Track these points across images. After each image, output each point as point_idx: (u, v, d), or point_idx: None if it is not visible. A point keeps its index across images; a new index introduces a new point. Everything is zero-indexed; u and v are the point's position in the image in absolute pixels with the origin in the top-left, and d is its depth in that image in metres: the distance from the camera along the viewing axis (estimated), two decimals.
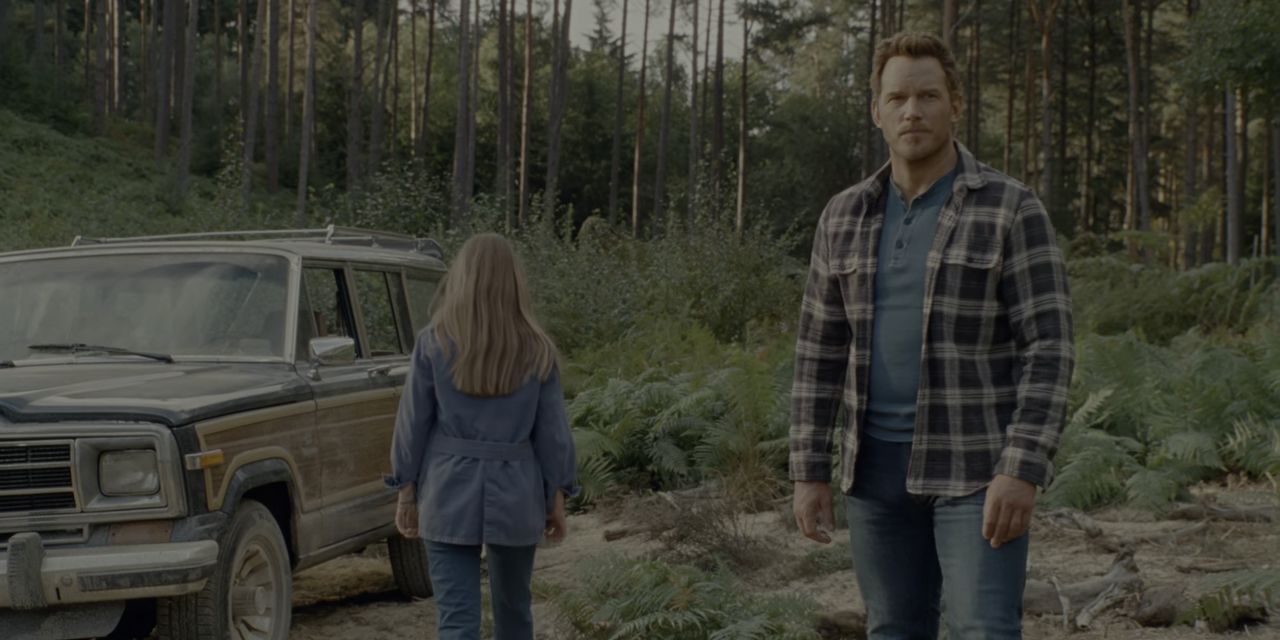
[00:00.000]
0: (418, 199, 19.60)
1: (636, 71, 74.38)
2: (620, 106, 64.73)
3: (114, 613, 5.21)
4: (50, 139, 46.86)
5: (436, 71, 72.62)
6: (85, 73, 63.14)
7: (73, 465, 5.11)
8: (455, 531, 4.67)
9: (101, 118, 54.31)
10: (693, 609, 5.39)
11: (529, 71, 60.20)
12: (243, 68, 62.33)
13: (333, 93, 68.38)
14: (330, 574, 8.60)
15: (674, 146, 67.56)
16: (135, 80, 72.79)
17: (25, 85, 50.62)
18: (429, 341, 4.74)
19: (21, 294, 6.71)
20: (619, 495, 9.66)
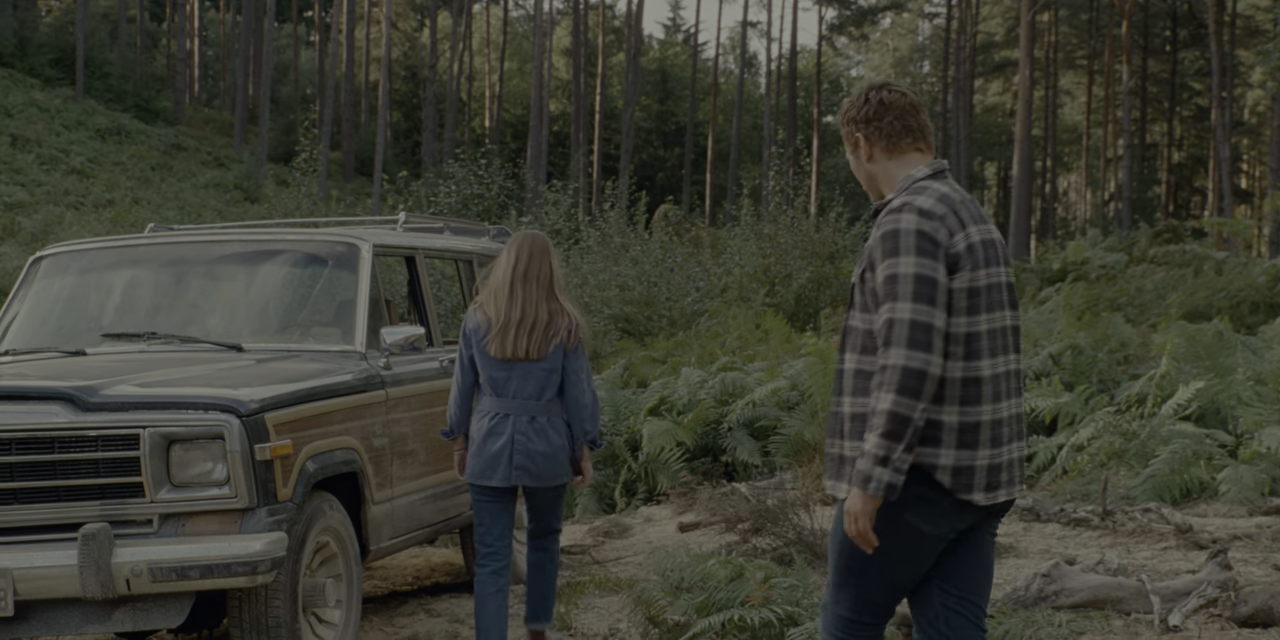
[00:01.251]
0: (490, 186, 19.52)
1: (710, 59, 74.10)
2: (693, 94, 64.49)
3: (184, 604, 5.16)
4: (132, 128, 47.33)
5: (510, 60, 72.69)
6: (166, 62, 63.74)
7: (142, 455, 5.06)
8: (491, 476, 5.60)
9: (182, 107, 54.81)
10: (769, 606, 5.27)
11: (602, 59, 60.10)
12: (320, 57, 62.73)
13: (408, 81, 68.66)
14: (402, 564, 8.55)
15: (747, 134, 67.25)
16: (215, 70, 73.46)
17: (108, 75, 51.17)
18: (471, 316, 5.65)
19: (94, 282, 6.68)
20: (692, 486, 9.54)
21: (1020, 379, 3.59)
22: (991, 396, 3.47)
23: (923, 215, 3.46)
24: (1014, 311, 3.60)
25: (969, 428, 3.44)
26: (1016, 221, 37.59)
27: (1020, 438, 3.57)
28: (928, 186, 3.58)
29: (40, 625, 5.12)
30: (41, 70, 48.60)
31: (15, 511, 5.09)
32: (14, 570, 5.00)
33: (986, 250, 3.52)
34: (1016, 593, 5.70)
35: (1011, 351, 3.56)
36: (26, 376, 5.47)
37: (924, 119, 3.75)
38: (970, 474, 3.43)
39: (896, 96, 3.72)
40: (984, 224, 3.57)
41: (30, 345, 6.34)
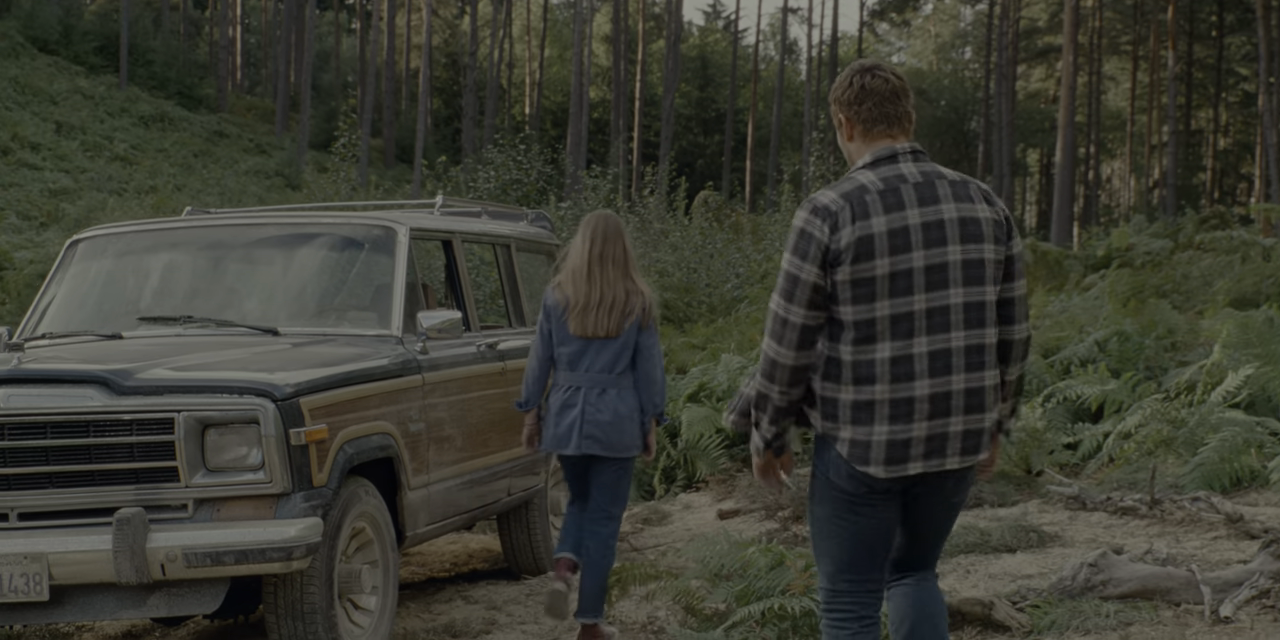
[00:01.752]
0: (529, 172, 19.43)
1: (750, 45, 73.87)
2: (733, 81, 64.27)
3: (219, 590, 5.11)
4: (175, 115, 47.54)
5: (550, 47, 72.65)
6: (209, 50, 63.96)
7: (177, 439, 5.01)
8: (564, 445, 5.89)
9: (224, 94, 54.99)
10: (810, 594, 5.18)
11: (642, 46, 59.95)
12: (361, 44, 62.78)
13: (448, 68, 68.71)
14: (440, 550, 8.50)
15: (788, 121, 66.99)
16: (257, 57, 73.69)
17: (151, 62, 51.40)
18: (550, 294, 5.96)
19: (131, 265, 6.65)
20: (732, 473, 9.45)
21: (966, 355, 3.68)
22: (891, 377, 3.63)
23: (812, 212, 3.69)
24: (958, 289, 3.68)
25: (862, 406, 3.64)
26: (1059, 208, 37.29)
27: (958, 412, 3.68)
28: (852, 177, 3.76)
29: (75, 610, 5.09)
30: (86, 58, 48.88)
31: (51, 496, 5.06)
32: (49, 555, 4.98)
33: (897, 238, 3.64)
34: (1063, 582, 5.59)
35: (944, 330, 3.66)
36: (62, 360, 5.44)
37: (904, 106, 3.83)
38: (866, 448, 3.65)
39: (879, 82, 3.82)
40: (923, 206, 3.68)
41: (67, 329, 6.31)
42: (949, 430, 3.69)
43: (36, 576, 4.98)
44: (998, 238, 3.74)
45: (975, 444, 3.73)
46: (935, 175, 3.76)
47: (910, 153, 3.79)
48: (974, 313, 3.69)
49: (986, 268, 3.71)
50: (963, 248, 3.68)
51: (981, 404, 3.72)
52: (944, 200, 3.71)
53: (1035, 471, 8.26)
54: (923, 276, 3.65)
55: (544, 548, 7.39)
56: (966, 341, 3.69)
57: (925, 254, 3.66)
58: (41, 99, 42.19)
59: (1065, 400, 8.98)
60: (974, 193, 3.76)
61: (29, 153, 36.40)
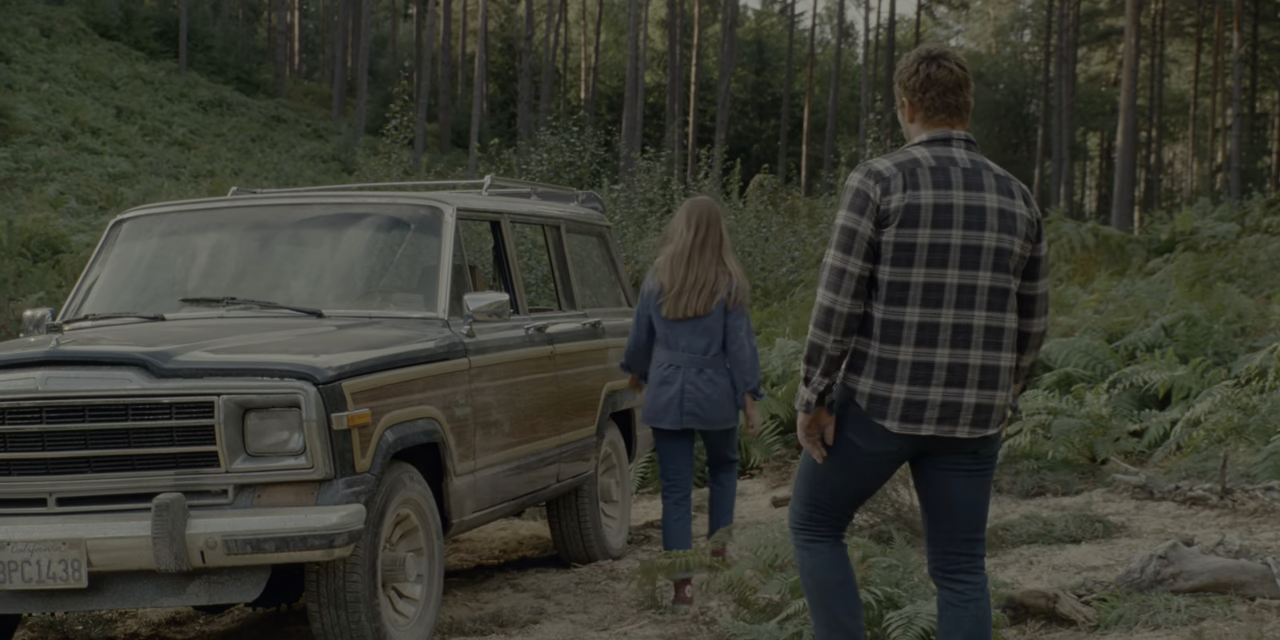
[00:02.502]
0: (583, 154, 19.26)
1: (806, 30, 73.32)
2: (789, 65, 63.83)
3: (259, 578, 4.99)
4: (233, 100, 47.74)
5: (606, 31, 72.40)
6: (267, 35, 64.19)
7: (217, 423, 4.89)
8: (663, 419, 6.36)
9: (282, 79, 55.16)
10: (868, 587, 5.00)
11: (698, 30, 59.61)
12: (417, 29, 62.81)
13: (504, 53, 68.64)
14: (490, 537, 8.38)
15: (844, 105, 66.46)
16: (315, 43, 73.89)
17: (210, 48, 51.68)
18: (649, 279, 6.43)
19: (174, 245, 6.53)
20: (786, 460, 9.28)
21: (985, 334, 3.93)
22: (916, 341, 3.89)
23: (866, 174, 3.95)
24: (987, 272, 3.92)
25: (886, 363, 3.91)
26: (1120, 193, 36.76)
27: (972, 386, 3.92)
28: (907, 151, 4.03)
29: (114, 597, 4.98)
30: (146, 43, 49.19)
31: (90, 480, 4.96)
32: (88, 541, 4.87)
33: (941, 213, 3.88)
34: (1131, 575, 5.38)
35: (969, 307, 3.91)
36: (101, 342, 5.33)
37: (965, 97, 4.04)
38: (885, 403, 3.91)
39: (944, 73, 4.01)
40: (969, 191, 3.92)
41: (110, 310, 6.20)
42: (963, 400, 3.93)
43: (75, 563, 4.88)
44: (1028, 236, 3.99)
45: (986, 418, 3.95)
46: (983, 165, 3.99)
47: (964, 141, 4.02)
48: (998, 297, 3.94)
49: (1014, 259, 3.96)
50: (998, 236, 3.93)
51: (995, 381, 3.96)
52: (988, 190, 3.95)
53: (1100, 460, 8.03)
54: (958, 253, 3.90)
55: (594, 535, 7.24)
56: (988, 322, 3.94)
57: (964, 234, 3.91)
58: (102, 84, 42.44)
59: (1131, 386, 8.74)
60: (1015, 189, 4.00)
61: (89, 137, 36.59)
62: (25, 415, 4.92)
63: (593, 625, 6.05)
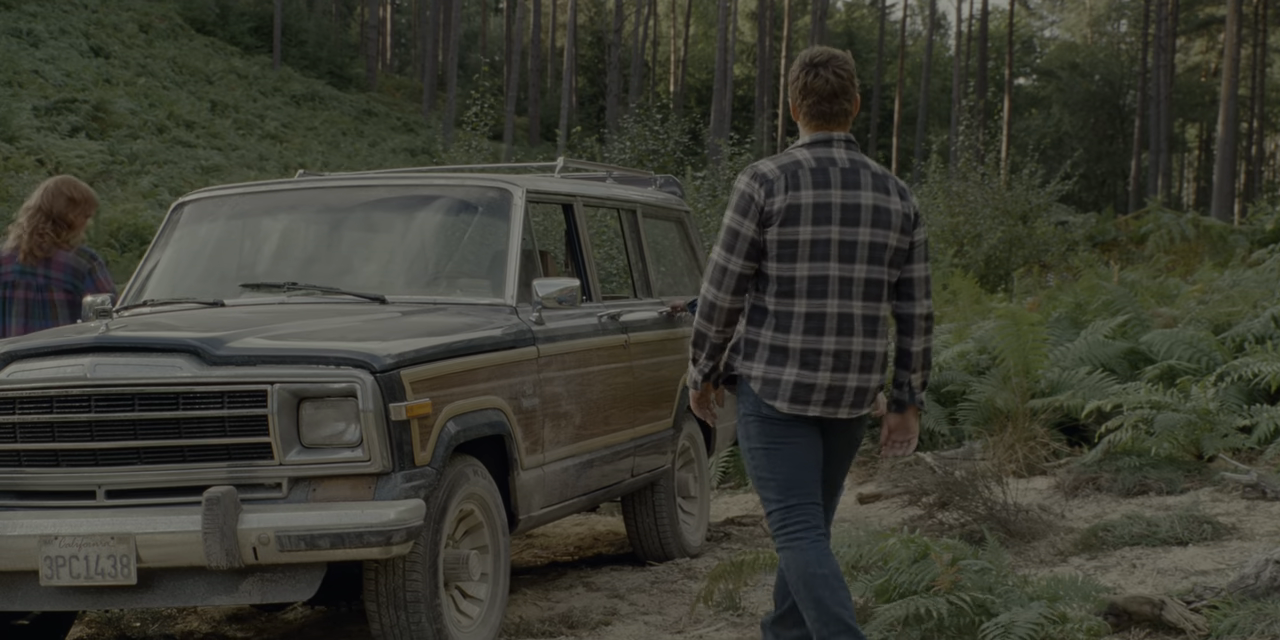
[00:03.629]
0: (666, 142, 18.95)
1: (897, 21, 72.48)
2: (880, 56, 63.13)
3: (314, 576, 4.75)
4: (325, 94, 48.01)
5: (695, 24, 72.03)
6: (360, 30, 64.53)
7: (270, 413, 4.65)
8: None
9: (373, 73, 55.41)
10: (958, 592, 4.67)
11: (788, 22, 59.08)
12: (507, 23, 62.81)
13: (593, 47, 68.50)
14: (565, 533, 8.12)
15: (935, 97, 65.63)
16: (407, 37, 74.21)
17: (304, 43, 52.05)
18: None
19: (236, 229, 6.32)
20: (873, 455, 8.94)
21: (864, 323, 4.30)
22: (804, 329, 4.28)
23: (752, 177, 4.32)
24: (863, 266, 4.28)
25: (778, 350, 4.30)
26: (1220, 184, 35.89)
27: (854, 370, 4.30)
28: (790, 153, 4.38)
29: (164, 595, 4.77)
30: (241, 38, 49.62)
31: (139, 472, 4.74)
32: (137, 535, 4.66)
33: (820, 212, 4.25)
34: (1245, 581, 4.99)
35: (848, 298, 4.28)
36: (152, 327, 5.12)
37: (841, 104, 4.35)
38: (775, 385, 4.30)
39: (820, 82, 4.32)
40: (845, 190, 4.28)
41: (169, 295, 6.00)
42: (846, 385, 4.32)
43: (124, 558, 4.67)
44: (903, 228, 4.35)
45: (862, 400, 4.38)
46: (861, 165, 4.34)
47: (843, 141, 4.37)
48: (873, 288, 4.32)
49: (888, 252, 4.32)
50: (872, 231, 4.29)
51: (872, 366, 4.35)
52: (864, 188, 4.31)
53: (1207, 457, 7.60)
54: (837, 248, 4.27)
55: (671, 532, 6.95)
56: (864, 311, 4.31)
57: (841, 230, 4.27)
58: (198, 79, 42.81)
59: (1239, 379, 8.29)
60: (891, 186, 4.37)
61: (183, 131, 36.87)
62: (73, 403, 4.72)
63: (667, 627, 5.77)
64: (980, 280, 17.28)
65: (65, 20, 40.93)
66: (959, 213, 18.53)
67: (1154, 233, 18.59)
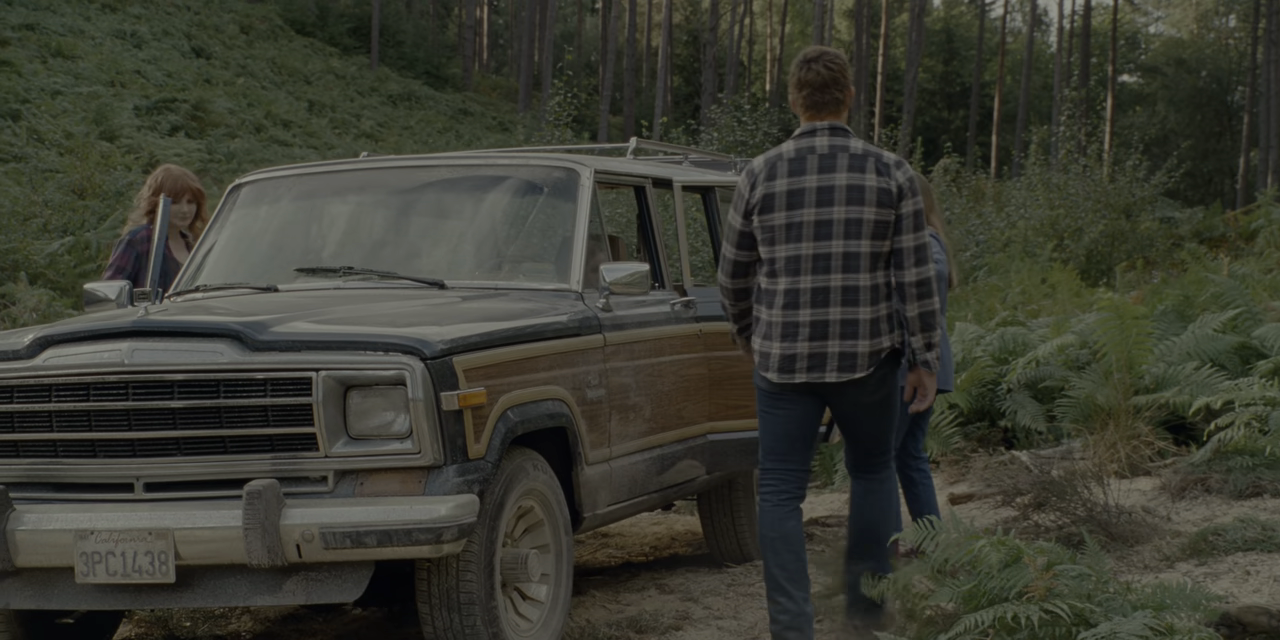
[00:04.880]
0: (754, 133, 18.56)
1: (997, 18, 71.44)
2: (980, 54, 62.20)
3: (361, 575, 4.47)
4: (422, 94, 48.19)
5: (791, 22, 71.50)
6: (457, 31, 64.78)
7: (315, 401, 4.38)
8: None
9: (469, 73, 55.55)
10: (1053, 600, 4.28)
11: (885, 20, 58.40)
12: (603, 23, 62.70)
13: (688, 46, 68.21)
14: (641, 532, 7.81)
15: (1036, 94, 64.54)
16: (505, 38, 74.40)
17: (401, 43, 52.38)
18: None
19: (293, 211, 6.06)
20: (966, 453, 8.53)
21: (843, 293, 4.74)
22: (783, 305, 4.77)
23: (745, 173, 4.88)
24: (839, 241, 4.72)
25: (766, 324, 4.82)
26: None
27: (835, 338, 4.74)
28: (780, 146, 4.89)
29: (204, 594, 4.51)
30: (340, 39, 50.01)
31: (180, 464, 4.49)
32: (175, 531, 4.41)
33: (794, 197, 4.75)
34: None
35: (825, 272, 4.74)
36: (193, 311, 4.87)
37: (833, 94, 4.83)
38: (766, 357, 4.82)
39: (813, 75, 4.82)
40: (821, 174, 4.75)
41: (222, 280, 5.75)
42: (827, 351, 4.75)
43: (162, 555, 4.42)
44: (881, 202, 4.73)
45: (851, 364, 4.75)
46: (841, 149, 4.78)
47: (829, 129, 4.82)
48: (850, 261, 4.74)
49: (864, 226, 4.73)
50: (846, 209, 4.73)
51: (855, 333, 4.74)
52: (839, 170, 4.75)
53: None
54: (812, 229, 4.73)
55: (749, 532, 6.61)
56: (843, 282, 4.74)
57: (816, 211, 4.74)
58: (296, 79, 43.11)
59: None
60: (869, 166, 4.75)
61: (280, 129, 37.04)
62: (111, 391, 4.48)
63: (741, 633, 5.45)
64: (1080, 275, 16.73)
65: (168, 22, 41.38)
66: (1059, 205, 17.95)
67: (1265, 228, 17.90)
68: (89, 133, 25.62)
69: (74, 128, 25.38)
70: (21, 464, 4.61)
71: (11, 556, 4.51)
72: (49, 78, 28.65)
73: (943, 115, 67.70)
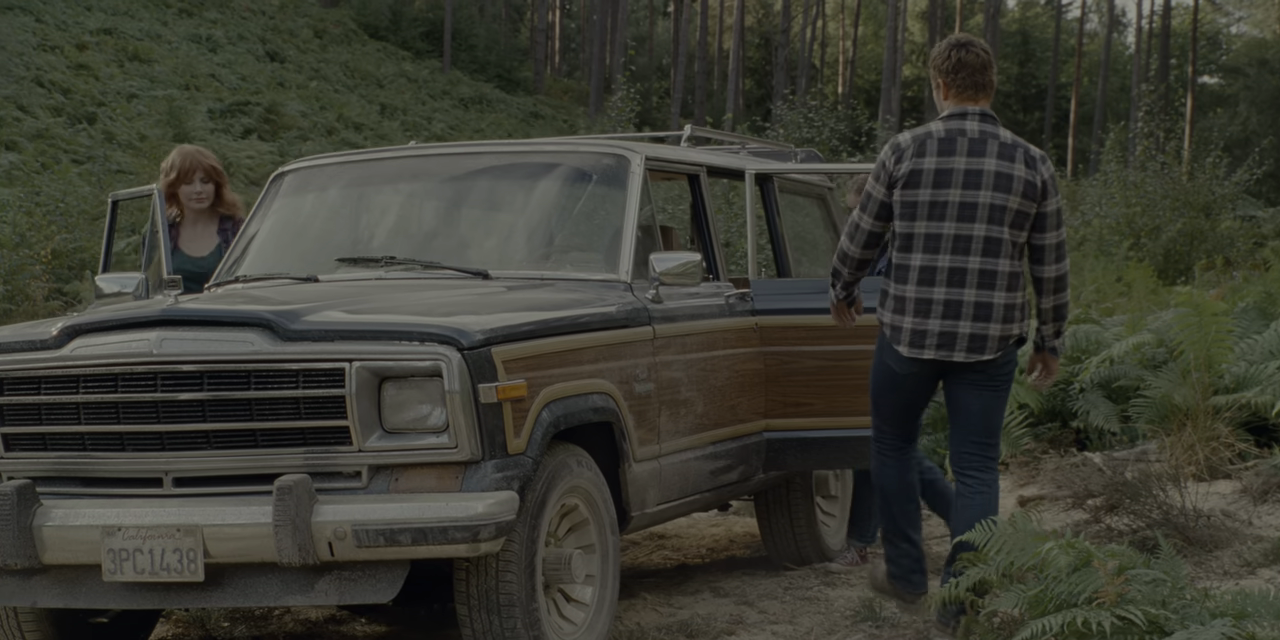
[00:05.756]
0: (821, 130, 18.25)
1: (1073, 19, 70.56)
2: (1056, 55, 61.46)
3: (396, 575, 4.28)
4: (493, 97, 48.30)
5: (864, 25, 71.00)
6: (529, 35, 64.91)
7: (348, 393, 4.20)
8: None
9: (541, 77, 55.61)
10: (1126, 605, 4.03)
11: (959, 21, 57.93)
12: (675, 26, 62.54)
13: (760, 48, 67.94)
14: (700, 533, 7.59)
15: (1114, 96, 63.63)
16: (576, 42, 74.46)
17: (474, 47, 52.57)
18: None
19: (336, 200, 5.90)
20: (1036, 455, 8.24)
21: (980, 276, 4.85)
22: (918, 281, 4.88)
23: (890, 147, 4.95)
24: (982, 225, 4.84)
25: (899, 299, 4.93)
26: None
27: (967, 319, 4.86)
28: (927, 125, 4.96)
29: (234, 593, 4.34)
30: (413, 43, 50.27)
31: (209, 458, 4.33)
32: (204, 527, 4.24)
33: (942, 176, 4.83)
34: None
35: (964, 253, 4.84)
36: (224, 300, 4.71)
37: (989, 76, 4.95)
38: (899, 331, 4.93)
39: (972, 57, 4.91)
40: (970, 157, 4.84)
41: (263, 271, 5.59)
42: (958, 331, 4.86)
43: (190, 553, 4.25)
44: (1026, 194, 4.86)
45: (980, 346, 4.88)
46: (991, 135, 4.89)
47: (979, 115, 4.93)
48: (991, 245, 4.85)
49: (1007, 214, 4.84)
50: (993, 194, 4.84)
51: (988, 316, 4.85)
52: (989, 156, 4.85)
53: None
54: (956, 209, 4.83)
55: (808, 534, 6.38)
56: (982, 266, 4.85)
57: (962, 193, 4.83)
58: (369, 82, 43.30)
59: None
60: (1018, 156, 4.87)
61: (352, 132, 37.18)
62: (139, 382, 4.32)
63: (797, 638, 5.22)
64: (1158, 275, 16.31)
65: (244, 26, 41.72)
66: (1135, 203, 17.52)
67: None
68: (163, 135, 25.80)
69: (148, 130, 25.55)
70: (49, 457, 4.47)
71: (38, 553, 4.36)
72: (125, 81, 28.92)
73: (1018, 117, 66.90)
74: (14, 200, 16.93)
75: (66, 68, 27.46)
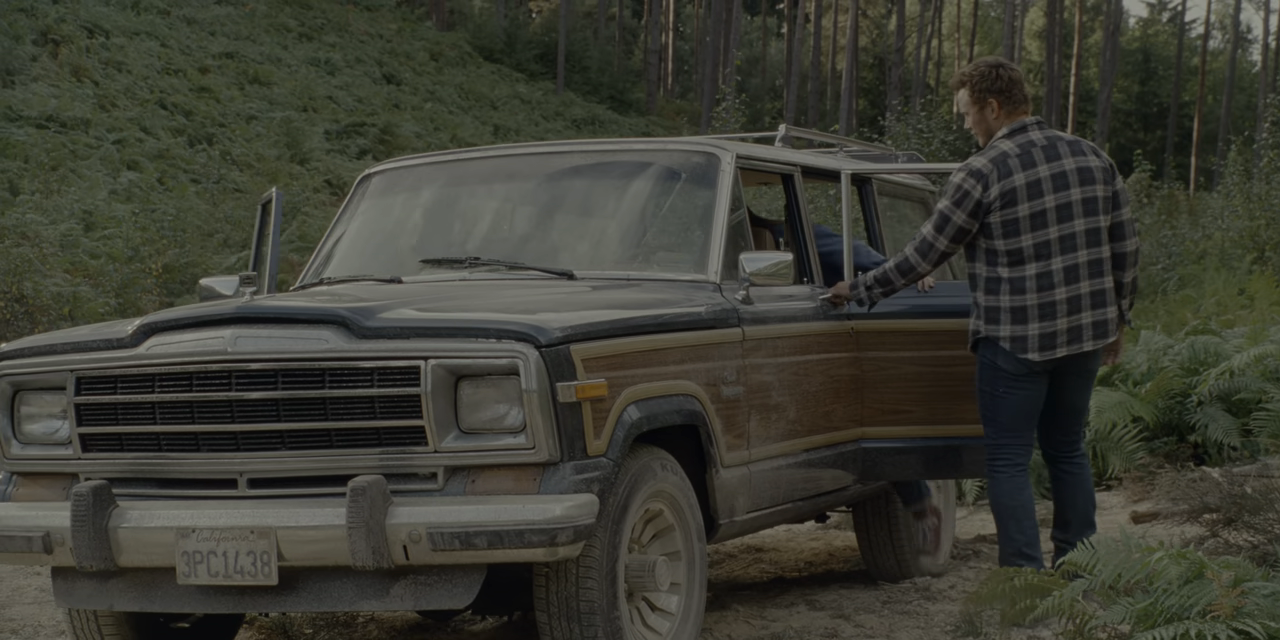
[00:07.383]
0: (930, 141, 17.95)
1: (1196, 37, 69.20)
2: (1178, 73, 60.32)
3: (473, 580, 4.15)
4: (605, 118, 48.45)
5: (980, 44, 70.23)
6: (643, 57, 65.13)
7: (423, 392, 4.08)
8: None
9: (653, 97, 55.74)
10: (1243, 619, 3.78)
11: (1078, 39, 57.04)
12: (788, 46, 62.35)
13: (873, 68, 67.49)
14: (799, 547, 7.39)
15: (1238, 114, 62.21)
16: (689, 63, 74.58)
17: (587, 69, 52.89)
18: None
19: (422, 201, 5.80)
20: (1151, 470, 7.92)
21: (1090, 267, 5.19)
22: (1037, 288, 5.14)
23: (969, 174, 5.21)
24: (1080, 220, 5.17)
25: (1018, 310, 5.16)
26: None
27: (1087, 309, 5.19)
28: (994, 146, 5.24)
29: (308, 597, 4.24)
30: (527, 65, 50.66)
31: (283, 459, 4.23)
32: (278, 529, 4.14)
33: (1033, 188, 5.14)
34: None
35: (1073, 250, 5.17)
36: (300, 297, 4.63)
37: (1027, 89, 5.32)
38: (1024, 341, 5.16)
39: (1015, 73, 5.29)
40: (1050, 163, 5.17)
41: (347, 273, 5.50)
42: (1082, 323, 5.18)
43: (264, 555, 4.16)
44: (1105, 180, 5.22)
45: (1104, 331, 5.24)
46: (1056, 138, 5.23)
47: (1036, 124, 5.28)
48: (1093, 236, 5.19)
49: (1099, 203, 5.20)
50: (1081, 190, 5.18)
51: (1104, 301, 5.22)
52: (1064, 156, 5.20)
53: None
54: (1054, 213, 5.14)
55: (908, 548, 6.15)
56: (1089, 257, 5.19)
57: (1055, 197, 5.15)
58: (483, 104, 43.65)
59: None
60: (1085, 148, 5.23)
61: None
62: (214, 380, 4.24)
63: None
64: None
65: (361, 49, 42.24)
66: (1260, 216, 16.99)
67: None
68: (280, 155, 26.14)
69: (266, 150, 25.91)
70: (126, 458, 4.40)
71: (114, 556, 4.30)
72: (245, 103, 29.39)
73: (1138, 136, 65.70)
74: (129, 216, 17.22)
75: (189, 90, 27.96)
